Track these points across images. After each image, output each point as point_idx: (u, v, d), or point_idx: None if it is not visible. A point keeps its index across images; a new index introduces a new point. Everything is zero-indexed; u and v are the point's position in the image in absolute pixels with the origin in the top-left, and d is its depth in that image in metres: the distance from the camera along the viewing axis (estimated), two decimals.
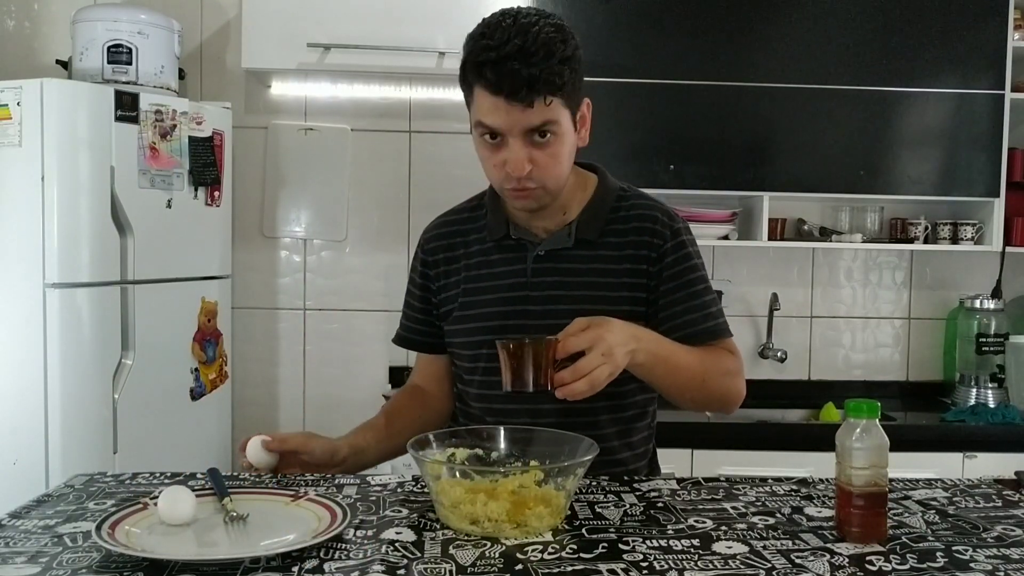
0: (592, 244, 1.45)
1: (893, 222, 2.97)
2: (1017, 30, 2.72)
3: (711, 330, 1.45)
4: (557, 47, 1.28)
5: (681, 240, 1.46)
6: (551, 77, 1.28)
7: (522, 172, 1.32)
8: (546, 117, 1.30)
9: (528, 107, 1.28)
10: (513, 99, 1.28)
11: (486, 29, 1.31)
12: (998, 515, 1.23)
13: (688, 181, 2.70)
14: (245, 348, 2.91)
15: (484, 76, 1.28)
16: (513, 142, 1.32)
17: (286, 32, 2.56)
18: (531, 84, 1.27)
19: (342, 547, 1.07)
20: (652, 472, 1.61)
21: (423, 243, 1.57)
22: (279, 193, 2.93)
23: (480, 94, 1.32)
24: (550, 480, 1.17)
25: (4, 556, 1.02)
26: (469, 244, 1.52)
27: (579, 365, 1.22)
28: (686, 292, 1.44)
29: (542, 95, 1.28)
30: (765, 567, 1.02)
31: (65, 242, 2.18)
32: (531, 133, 1.31)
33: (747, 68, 2.67)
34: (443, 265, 1.53)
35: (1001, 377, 2.81)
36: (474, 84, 1.32)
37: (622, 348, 1.25)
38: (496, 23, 1.30)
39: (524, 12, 1.31)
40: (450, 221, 1.57)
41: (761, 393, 2.97)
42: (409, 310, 1.60)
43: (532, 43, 1.26)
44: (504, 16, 1.31)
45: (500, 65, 1.26)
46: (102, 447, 2.25)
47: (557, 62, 1.28)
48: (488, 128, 1.33)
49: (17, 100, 2.16)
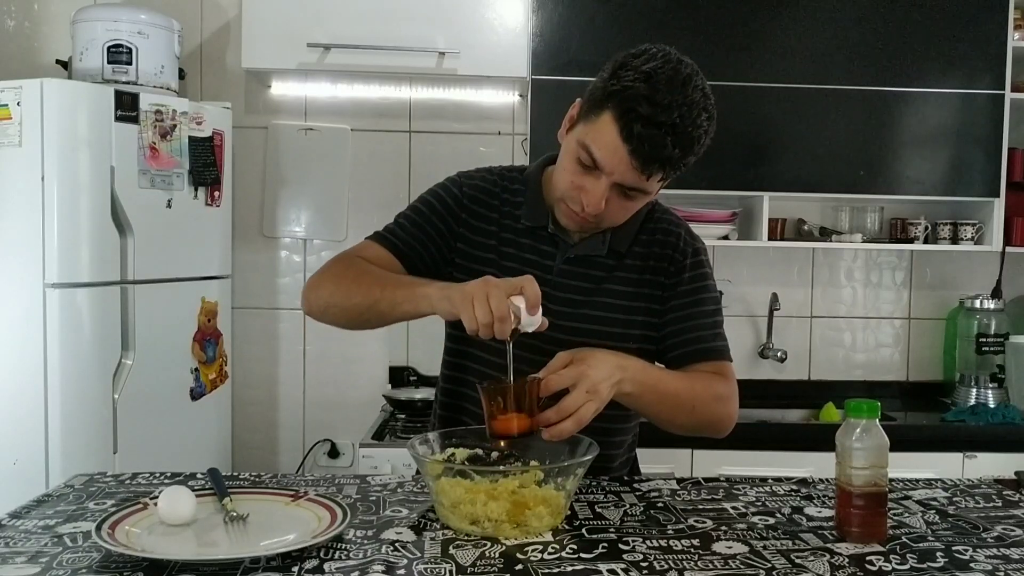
0: (620, 254, 1.46)
1: (893, 222, 2.97)
2: (1017, 30, 2.72)
3: (715, 349, 1.45)
4: (703, 140, 1.29)
5: (699, 260, 1.50)
6: (679, 167, 1.30)
7: (595, 212, 1.32)
8: (645, 188, 1.31)
9: (643, 176, 1.28)
10: (637, 160, 1.26)
11: (655, 75, 1.25)
12: (998, 515, 1.23)
13: (688, 181, 2.69)
14: (245, 348, 2.91)
15: (626, 122, 1.24)
16: (604, 182, 1.30)
17: (286, 32, 2.56)
18: (663, 163, 1.27)
19: (342, 547, 1.07)
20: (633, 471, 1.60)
21: (462, 183, 1.50)
22: (279, 193, 2.93)
23: (608, 124, 1.27)
24: (550, 480, 1.17)
25: (4, 556, 1.02)
26: (503, 216, 1.48)
27: (564, 404, 1.20)
28: (698, 309, 1.45)
29: (662, 173, 1.29)
30: (765, 567, 1.02)
31: (65, 242, 2.18)
32: (622, 186, 1.31)
33: (747, 68, 2.67)
34: (473, 219, 1.47)
35: (1001, 377, 2.81)
36: (610, 114, 1.26)
37: (607, 382, 1.23)
38: (665, 79, 1.25)
39: (692, 83, 1.27)
40: (491, 181, 1.51)
41: (761, 393, 2.97)
42: (413, 224, 1.47)
43: (689, 126, 1.25)
44: (675, 75, 1.26)
45: (650, 129, 1.24)
46: (102, 447, 2.25)
47: (694, 156, 1.30)
48: (592, 156, 1.29)
49: (17, 100, 2.16)
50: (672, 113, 1.23)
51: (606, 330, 1.42)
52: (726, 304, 2.97)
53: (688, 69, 1.29)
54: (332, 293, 1.39)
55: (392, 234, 1.47)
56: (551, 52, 2.62)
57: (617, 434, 1.50)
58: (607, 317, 1.43)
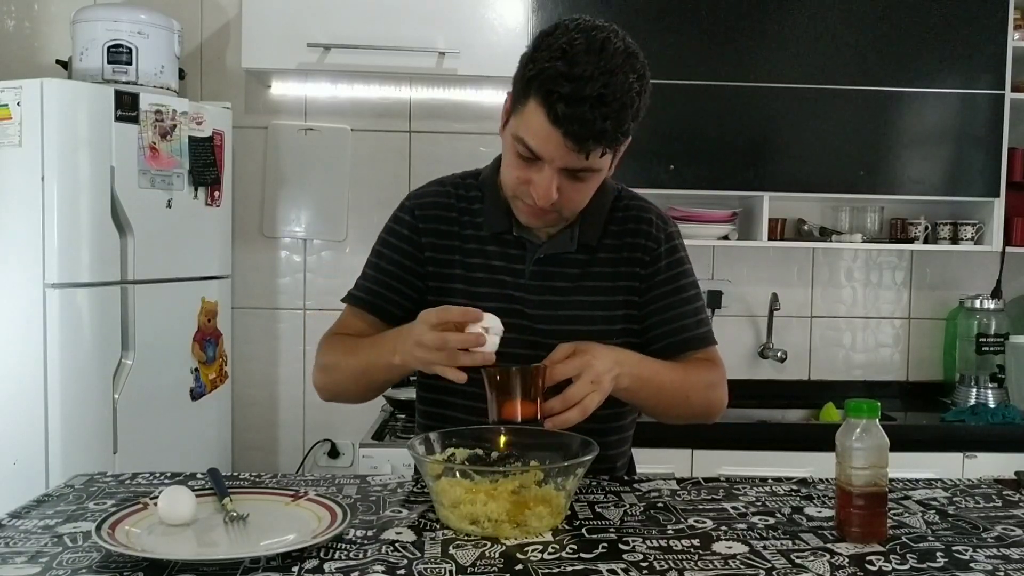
0: (591, 248, 1.42)
1: (893, 222, 2.97)
2: (1017, 30, 2.72)
3: (701, 337, 1.44)
4: (634, 102, 1.21)
5: (674, 245, 1.46)
6: (618, 134, 1.22)
7: (548, 203, 1.27)
8: (591, 165, 1.25)
9: (581, 154, 1.22)
10: (571, 141, 1.20)
11: (568, 50, 1.18)
12: (998, 515, 1.23)
13: (688, 181, 2.70)
14: (245, 348, 2.91)
15: (550, 103, 1.19)
16: (549, 171, 1.25)
17: (286, 32, 2.56)
18: (597, 137, 1.20)
19: (342, 547, 1.07)
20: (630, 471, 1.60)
21: (413, 208, 1.45)
22: (279, 193, 2.93)
23: (535, 112, 1.22)
24: (550, 480, 1.17)
25: (4, 556, 1.02)
26: (464, 227, 1.44)
27: (568, 394, 1.20)
28: (679, 298, 1.43)
29: (601, 147, 1.22)
30: (765, 567, 1.02)
31: (65, 242, 2.18)
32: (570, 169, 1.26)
33: (747, 68, 2.67)
34: (433, 237, 1.43)
35: (1001, 377, 2.81)
36: (533, 100, 1.22)
37: (608, 374, 1.24)
38: (581, 50, 1.18)
39: (611, 47, 1.20)
40: (444, 193, 1.46)
41: (761, 393, 2.97)
42: (378, 272, 1.46)
43: (614, 92, 1.18)
44: (590, 44, 1.19)
45: (574, 106, 1.17)
46: (102, 447, 2.25)
47: (630, 119, 1.22)
48: (528, 148, 1.25)
49: (17, 100, 2.16)
50: (595, 84, 1.17)
51: (587, 329, 1.39)
52: (726, 304, 2.99)
53: (603, 33, 1.22)
54: (334, 384, 1.44)
55: (363, 290, 1.47)
56: None
57: (614, 433, 1.49)
58: (587, 315, 1.41)
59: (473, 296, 1.41)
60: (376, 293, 1.46)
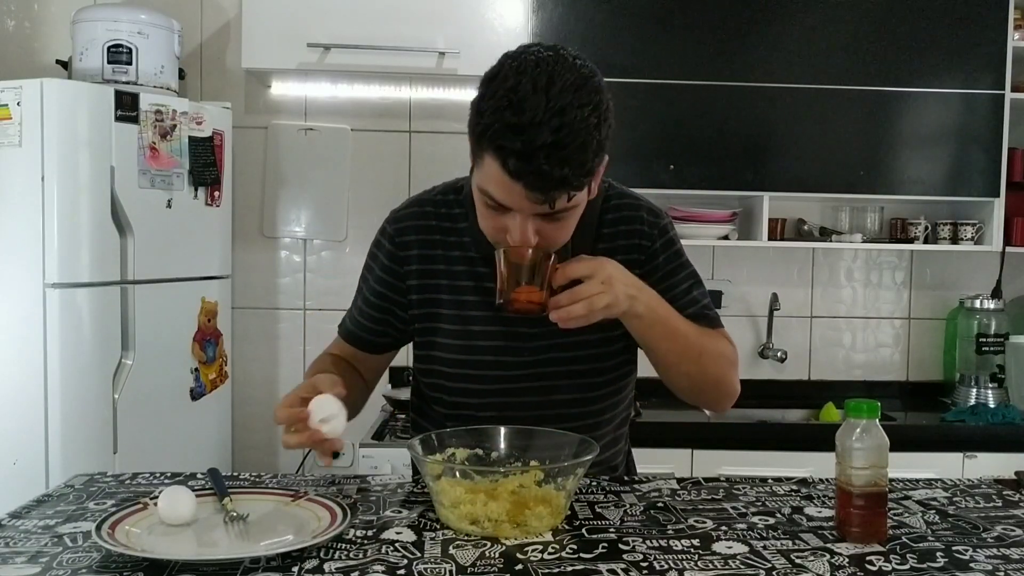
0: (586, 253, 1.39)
1: (893, 222, 2.97)
2: (1017, 30, 2.72)
3: (707, 318, 1.43)
4: (592, 138, 1.12)
5: (669, 238, 1.43)
6: (581, 177, 1.13)
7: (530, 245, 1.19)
8: (564, 206, 1.17)
9: (548, 206, 1.15)
10: (532, 192, 1.13)
11: (512, 97, 1.10)
12: (998, 515, 1.23)
13: (688, 181, 2.70)
14: (245, 348, 2.91)
15: (504, 160, 1.12)
16: (522, 220, 1.18)
17: (286, 32, 2.56)
18: (558, 186, 1.12)
19: (342, 547, 1.07)
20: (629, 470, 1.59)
21: (393, 233, 1.40)
22: (279, 193, 2.93)
23: (491, 166, 1.14)
24: (550, 480, 1.17)
25: (4, 556, 1.02)
26: (449, 247, 1.38)
27: (578, 289, 1.17)
28: (680, 289, 1.42)
29: (566, 194, 1.14)
30: (765, 567, 1.02)
31: (65, 242, 2.18)
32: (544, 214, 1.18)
33: (747, 68, 2.67)
34: (417, 263, 1.39)
35: (1001, 377, 2.81)
36: (486, 153, 1.15)
37: (623, 285, 1.20)
38: (527, 93, 1.10)
39: (559, 80, 1.10)
40: (426, 213, 1.40)
41: (761, 393, 2.97)
42: (364, 304, 1.45)
43: (567, 136, 1.09)
44: (536, 82, 1.10)
45: (527, 160, 1.10)
46: (102, 447, 2.25)
47: (591, 157, 1.13)
48: (494, 199, 1.18)
49: (17, 100, 2.16)
50: (546, 131, 1.08)
51: (588, 338, 1.36)
52: (726, 304, 2.99)
53: (550, 66, 1.12)
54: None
55: (350, 322, 1.48)
56: None
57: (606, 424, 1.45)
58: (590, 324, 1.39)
59: (464, 320, 1.38)
60: (360, 325, 1.46)
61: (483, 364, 1.38)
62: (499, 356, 1.37)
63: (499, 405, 1.38)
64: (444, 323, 1.39)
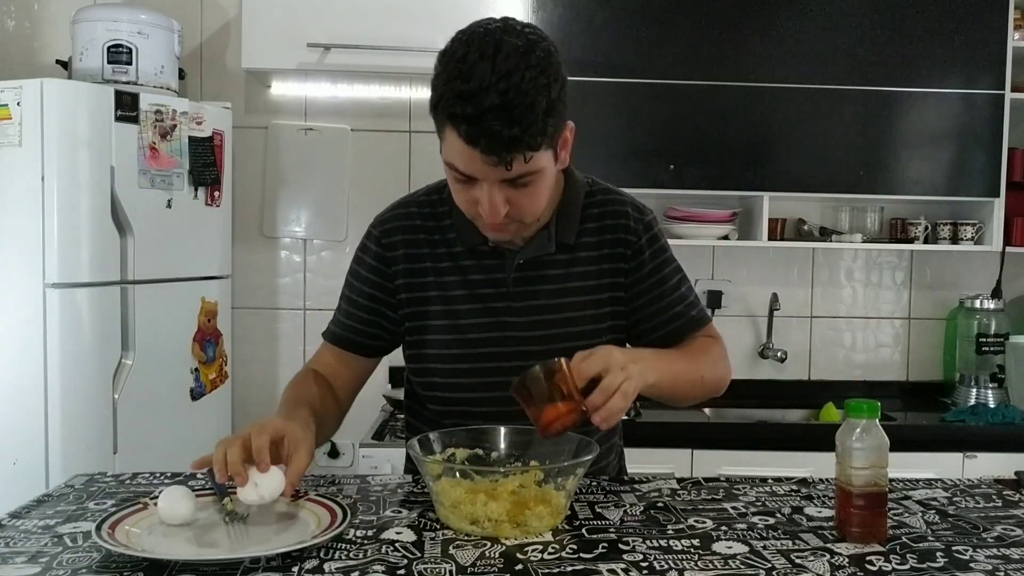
0: (570, 247, 1.39)
1: (893, 222, 2.97)
2: (1017, 30, 2.72)
3: (698, 319, 1.45)
4: (541, 97, 1.15)
5: (654, 234, 1.43)
6: (533, 137, 1.16)
7: (497, 218, 1.23)
8: (526, 169, 1.19)
9: (507, 168, 1.18)
10: (490, 156, 1.16)
11: (463, 67, 1.15)
12: (998, 515, 1.23)
13: (688, 181, 2.70)
14: (245, 348, 2.91)
15: (457, 127, 1.16)
16: (488, 188, 1.21)
17: (286, 32, 2.56)
18: (511, 146, 1.15)
19: (342, 547, 1.07)
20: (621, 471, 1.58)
21: (379, 235, 1.42)
22: (279, 193, 2.93)
23: (450, 136, 1.19)
24: (550, 480, 1.17)
25: (4, 556, 1.02)
26: (435, 245, 1.40)
27: (605, 386, 1.16)
28: (668, 286, 1.43)
29: (522, 154, 1.17)
30: (765, 567, 1.02)
31: (65, 242, 2.18)
32: (507, 181, 1.21)
33: (747, 68, 2.67)
34: (404, 262, 1.40)
35: (1001, 377, 2.81)
36: (444, 124, 1.19)
37: (634, 364, 1.20)
38: (473, 62, 1.14)
39: (505, 47, 1.15)
40: (410, 214, 1.43)
41: (761, 393, 2.97)
42: (351, 307, 1.45)
43: (515, 97, 1.13)
44: (483, 51, 1.15)
45: (477, 123, 1.14)
46: (102, 447, 2.25)
47: (541, 115, 1.15)
48: (459, 171, 1.22)
49: (17, 100, 2.16)
50: (492, 94, 1.12)
51: (576, 330, 1.38)
52: (726, 304, 2.99)
53: (498, 35, 1.17)
54: None
55: (338, 326, 1.47)
56: None
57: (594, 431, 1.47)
58: (576, 316, 1.39)
59: (453, 315, 1.39)
60: (350, 328, 1.45)
61: (474, 357, 1.38)
62: (489, 348, 1.38)
63: (493, 400, 1.37)
64: (433, 319, 1.40)
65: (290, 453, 1.17)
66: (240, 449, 1.13)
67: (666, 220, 2.84)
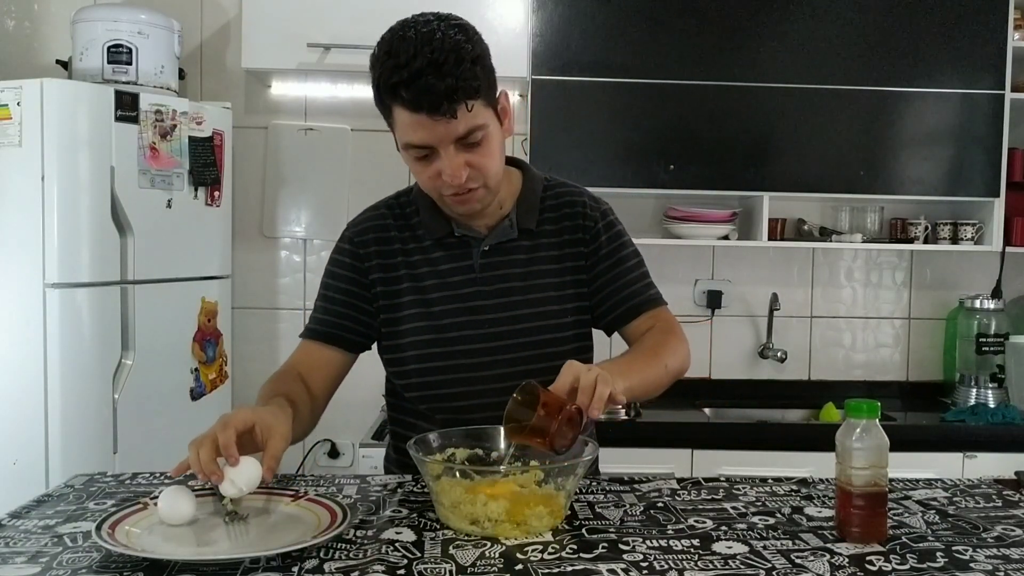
0: (532, 233, 1.48)
1: (893, 222, 2.97)
2: (1017, 30, 2.72)
3: (653, 299, 1.51)
4: (465, 49, 1.26)
5: (610, 220, 1.52)
6: (468, 82, 1.26)
7: (461, 180, 1.32)
8: (472, 124, 1.29)
9: (452, 118, 1.27)
10: (435, 113, 1.26)
11: (391, 47, 1.28)
12: (998, 515, 1.23)
13: (688, 181, 2.70)
14: (245, 348, 2.91)
15: (400, 96, 1.26)
16: (445, 153, 1.31)
17: (286, 32, 2.56)
18: (450, 95, 1.25)
19: (342, 547, 1.07)
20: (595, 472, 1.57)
21: (351, 237, 1.52)
22: (279, 193, 2.93)
23: (400, 114, 1.30)
24: (550, 480, 1.17)
25: (4, 556, 1.02)
26: (406, 241, 1.49)
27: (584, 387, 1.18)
28: (624, 267, 1.50)
29: (462, 103, 1.26)
30: (765, 567, 1.02)
31: (65, 242, 2.18)
32: (461, 140, 1.30)
33: (747, 68, 2.67)
34: (376, 259, 1.49)
35: (1001, 377, 2.81)
36: (392, 105, 1.30)
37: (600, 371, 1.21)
38: (399, 39, 1.27)
39: (423, 20, 1.29)
40: (380, 215, 1.53)
41: (761, 393, 2.97)
42: (327, 303, 1.53)
43: (440, 52, 1.24)
44: (405, 29, 1.29)
45: (414, 83, 1.24)
46: (102, 447, 2.25)
47: (469, 64, 1.26)
48: (417, 146, 1.31)
49: (17, 100, 2.16)
50: (422, 56, 1.24)
51: (544, 310, 1.45)
52: (726, 304, 2.99)
53: (416, 19, 1.30)
54: None
55: (315, 322, 1.53)
56: (551, 52, 2.62)
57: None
58: (543, 297, 1.46)
59: (426, 303, 1.46)
60: (326, 322, 1.51)
61: (446, 341, 1.44)
62: (462, 331, 1.44)
63: (466, 381, 1.44)
64: (407, 308, 1.47)
65: (264, 439, 1.20)
66: (211, 448, 1.15)
67: (666, 220, 2.84)
